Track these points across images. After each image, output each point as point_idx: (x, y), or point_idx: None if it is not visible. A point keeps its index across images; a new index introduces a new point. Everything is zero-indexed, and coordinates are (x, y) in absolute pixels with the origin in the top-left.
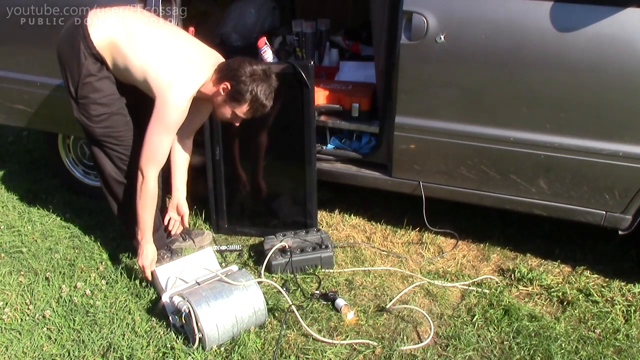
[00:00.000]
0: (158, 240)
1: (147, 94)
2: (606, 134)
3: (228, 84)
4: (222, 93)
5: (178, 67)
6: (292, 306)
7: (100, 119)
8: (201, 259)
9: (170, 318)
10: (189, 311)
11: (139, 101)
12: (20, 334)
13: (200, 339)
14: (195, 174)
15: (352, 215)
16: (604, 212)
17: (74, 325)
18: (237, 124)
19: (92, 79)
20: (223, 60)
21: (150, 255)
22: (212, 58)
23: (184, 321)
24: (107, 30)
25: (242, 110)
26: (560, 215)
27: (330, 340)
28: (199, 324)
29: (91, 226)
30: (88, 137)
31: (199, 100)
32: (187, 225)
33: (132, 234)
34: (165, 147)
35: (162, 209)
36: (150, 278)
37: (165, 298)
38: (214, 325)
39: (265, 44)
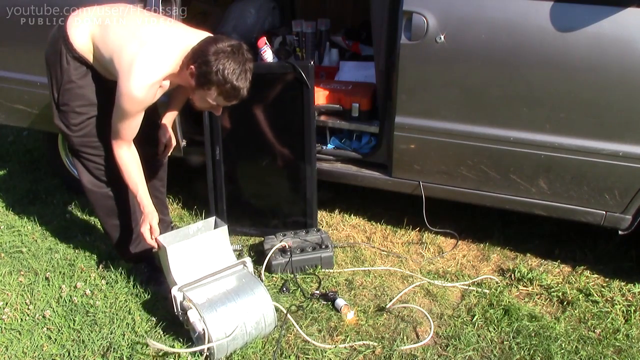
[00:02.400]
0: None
1: None
2: (606, 134)
3: (193, 67)
4: (191, 78)
5: (141, 52)
6: (289, 315)
7: (78, 128)
8: (214, 240)
9: (176, 312)
10: (204, 332)
11: None
12: (20, 334)
13: (207, 355)
14: (195, 174)
15: (352, 215)
16: (604, 212)
17: (74, 325)
18: (218, 113)
19: (72, 85)
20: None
21: (148, 219)
22: (188, 42)
23: (192, 329)
24: (86, 30)
25: (212, 95)
26: (560, 215)
27: (323, 345)
28: (211, 347)
29: (91, 226)
30: (67, 144)
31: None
32: (162, 152)
33: (113, 242)
34: (128, 131)
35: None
36: (153, 243)
37: (175, 291)
38: (226, 345)
39: (265, 44)
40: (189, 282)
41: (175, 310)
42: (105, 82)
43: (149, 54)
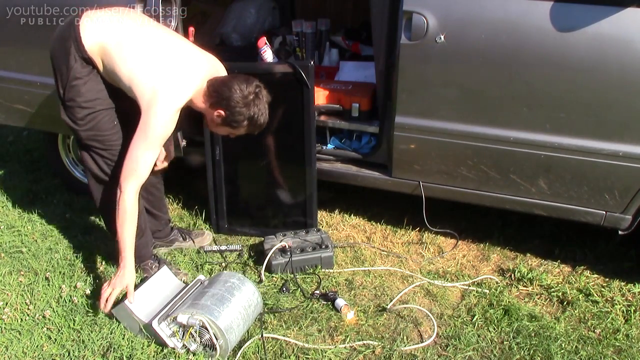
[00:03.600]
0: (142, 247)
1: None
2: (606, 134)
3: (222, 112)
4: (218, 118)
5: (164, 79)
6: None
7: (84, 122)
8: (161, 281)
9: (168, 342)
10: (205, 323)
11: (130, 105)
12: (20, 334)
13: (220, 345)
14: (195, 174)
15: (352, 215)
16: (604, 212)
17: (74, 325)
18: (234, 137)
19: (79, 82)
20: (218, 66)
21: (126, 280)
22: (205, 67)
23: (191, 338)
24: (98, 34)
25: (240, 132)
26: (560, 215)
27: (305, 345)
28: (219, 333)
29: (91, 226)
30: (76, 139)
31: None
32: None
33: (114, 235)
34: (147, 161)
35: (152, 206)
36: (105, 306)
37: (155, 325)
38: (232, 330)
39: (265, 44)
40: (160, 314)
41: (168, 342)
42: (108, 84)
43: (172, 80)
